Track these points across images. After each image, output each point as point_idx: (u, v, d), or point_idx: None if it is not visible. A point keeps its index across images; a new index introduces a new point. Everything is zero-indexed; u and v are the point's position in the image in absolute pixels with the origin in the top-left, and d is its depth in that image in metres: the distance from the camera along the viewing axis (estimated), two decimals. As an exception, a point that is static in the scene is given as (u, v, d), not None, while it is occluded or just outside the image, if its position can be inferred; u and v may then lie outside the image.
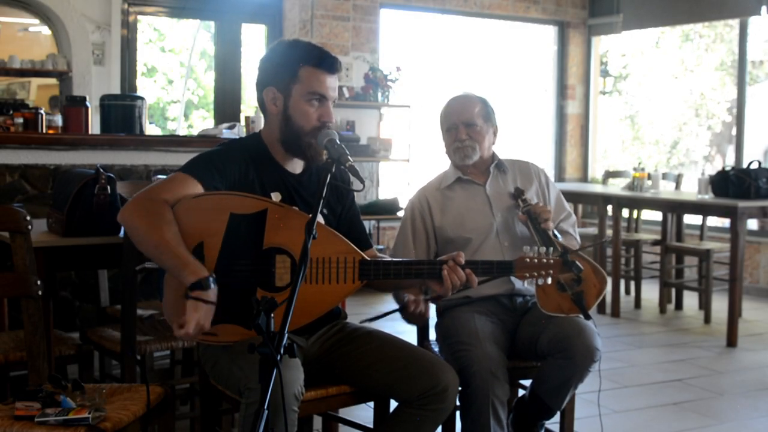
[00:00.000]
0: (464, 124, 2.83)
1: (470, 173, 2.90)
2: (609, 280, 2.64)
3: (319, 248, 2.16)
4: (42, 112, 4.48)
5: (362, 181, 2.10)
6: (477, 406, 2.43)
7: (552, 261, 2.26)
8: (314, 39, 6.94)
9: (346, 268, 2.20)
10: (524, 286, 2.74)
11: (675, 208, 5.80)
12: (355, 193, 2.46)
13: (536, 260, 2.26)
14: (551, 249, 2.33)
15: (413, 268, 2.24)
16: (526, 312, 2.77)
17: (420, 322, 2.64)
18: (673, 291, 6.29)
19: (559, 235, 2.74)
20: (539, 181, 2.95)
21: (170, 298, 2.19)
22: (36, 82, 6.88)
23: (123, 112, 4.40)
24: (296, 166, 2.39)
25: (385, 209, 6.72)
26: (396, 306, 2.52)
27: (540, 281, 2.26)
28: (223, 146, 2.37)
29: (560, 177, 8.32)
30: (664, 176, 6.61)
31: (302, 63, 2.28)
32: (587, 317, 2.50)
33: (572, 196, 6.18)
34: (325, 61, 2.29)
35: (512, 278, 2.78)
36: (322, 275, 2.19)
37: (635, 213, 6.74)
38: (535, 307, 2.73)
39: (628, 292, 6.67)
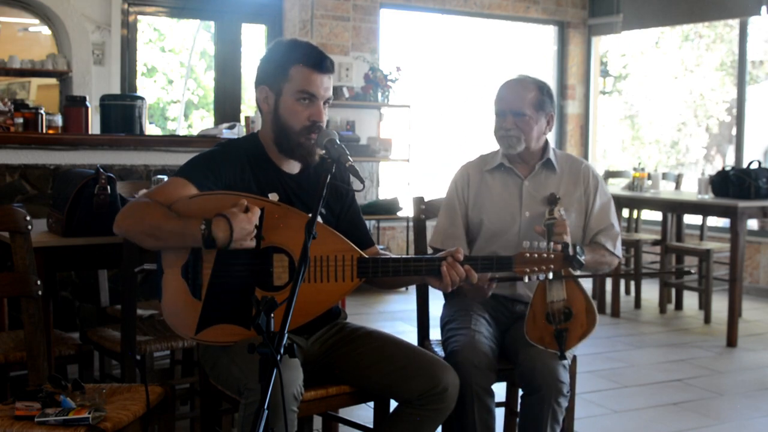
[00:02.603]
0: (512, 113, 2.71)
1: (515, 163, 2.80)
2: (597, 322, 2.56)
3: (318, 247, 2.16)
4: (42, 112, 4.48)
5: (362, 181, 2.09)
6: (460, 394, 2.40)
7: (552, 256, 2.24)
8: (314, 39, 6.94)
9: (344, 266, 2.20)
10: (530, 289, 2.70)
11: (675, 208, 5.79)
12: (355, 193, 2.46)
13: (536, 255, 2.24)
14: (551, 244, 2.30)
15: (412, 264, 2.24)
16: (520, 318, 2.74)
17: (480, 298, 2.56)
18: (673, 291, 6.29)
19: (582, 257, 2.43)
20: (586, 187, 2.80)
21: (169, 299, 2.19)
22: (36, 82, 6.88)
23: (123, 112, 4.40)
24: (293, 167, 2.39)
25: (385, 209, 6.72)
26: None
27: (541, 276, 2.25)
28: (219, 147, 2.37)
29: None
30: (664, 176, 6.61)
31: (293, 62, 2.28)
32: (562, 357, 2.44)
33: (615, 210, 6.15)
34: (315, 60, 2.28)
35: (515, 282, 2.75)
36: (321, 274, 2.19)
37: (635, 213, 6.74)
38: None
39: (628, 292, 6.67)
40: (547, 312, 2.48)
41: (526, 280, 2.27)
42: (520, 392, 2.58)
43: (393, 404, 2.38)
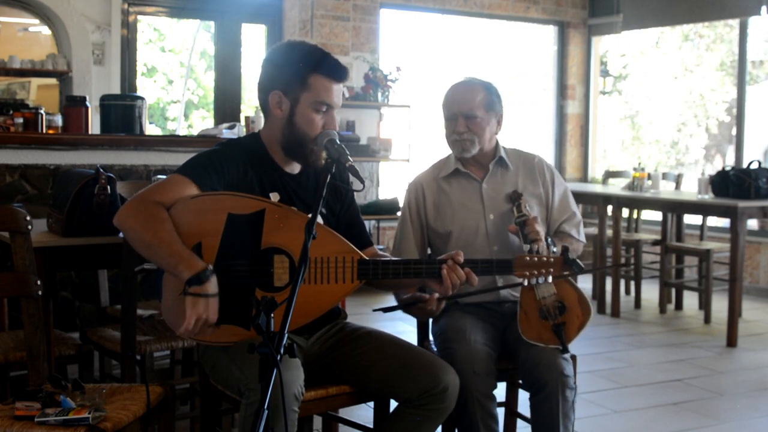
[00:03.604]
0: (464, 116, 2.70)
1: (469, 166, 2.80)
2: (593, 312, 2.56)
3: (318, 248, 2.16)
4: (42, 112, 4.48)
5: (362, 181, 2.09)
6: (462, 401, 2.41)
7: (552, 259, 2.25)
8: (314, 39, 6.94)
9: (344, 267, 2.20)
10: (525, 283, 2.70)
11: (675, 208, 5.80)
12: (355, 193, 2.46)
13: (536, 258, 2.25)
14: (552, 248, 2.31)
15: (412, 267, 2.24)
16: (515, 316, 2.74)
17: (427, 317, 2.59)
18: (673, 291, 6.29)
19: (554, 248, 2.53)
20: (543, 180, 2.82)
21: (169, 300, 2.19)
22: (36, 82, 6.88)
23: (123, 112, 4.40)
24: (294, 167, 2.39)
25: (385, 209, 6.72)
26: (409, 300, 2.45)
27: (540, 279, 2.25)
28: (221, 146, 2.36)
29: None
30: (664, 176, 6.61)
31: (313, 71, 2.25)
32: (564, 350, 2.45)
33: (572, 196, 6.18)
34: (335, 71, 2.27)
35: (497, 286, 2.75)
36: (321, 275, 2.19)
37: (635, 213, 6.74)
38: None
39: (628, 292, 6.67)
40: (540, 308, 2.48)
41: (526, 283, 2.27)
42: (527, 394, 2.58)
43: (393, 404, 2.38)
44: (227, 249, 2.14)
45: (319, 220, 2.20)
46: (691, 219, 6.65)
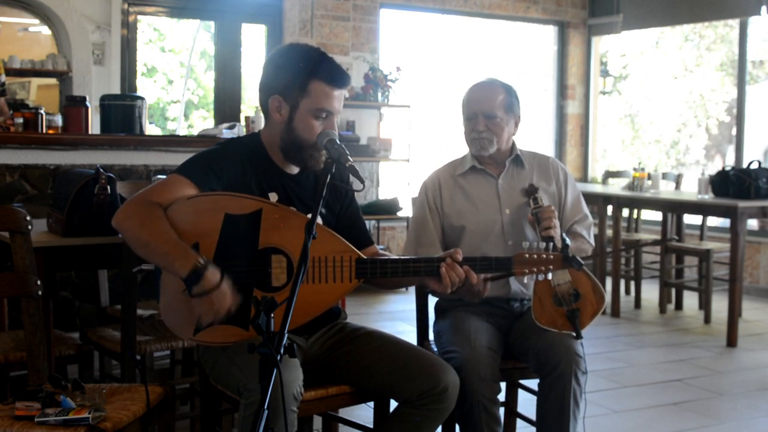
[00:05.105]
0: (484, 115, 2.74)
1: (486, 164, 2.83)
2: (607, 300, 2.59)
3: (316, 248, 2.16)
4: (42, 112, 4.48)
5: (362, 181, 2.09)
6: (468, 406, 2.42)
7: (552, 256, 2.25)
8: (314, 39, 6.95)
9: (342, 267, 2.20)
10: (523, 285, 2.72)
11: (675, 208, 5.80)
12: (355, 193, 2.46)
13: (535, 255, 2.25)
14: (551, 245, 2.31)
15: (411, 265, 2.24)
16: (522, 315, 2.75)
17: (475, 299, 2.55)
18: (673, 291, 6.29)
19: (568, 241, 2.55)
20: (557, 179, 2.86)
21: (167, 300, 2.19)
22: (36, 82, 6.88)
23: (123, 112, 4.40)
24: (293, 167, 2.39)
25: (385, 209, 6.72)
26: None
27: (540, 277, 2.26)
28: (220, 146, 2.36)
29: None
30: (664, 176, 6.61)
31: (313, 77, 2.24)
32: (578, 337, 2.47)
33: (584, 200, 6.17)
34: (336, 77, 2.26)
35: (510, 281, 2.75)
36: (320, 274, 2.19)
37: (635, 213, 6.74)
38: (529, 312, 2.71)
39: (628, 292, 6.67)
40: (554, 295, 2.51)
41: (525, 280, 2.28)
42: (527, 395, 2.57)
43: (393, 404, 2.38)
44: (225, 249, 2.14)
45: (318, 220, 2.20)
46: (691, 219, 6.65)
